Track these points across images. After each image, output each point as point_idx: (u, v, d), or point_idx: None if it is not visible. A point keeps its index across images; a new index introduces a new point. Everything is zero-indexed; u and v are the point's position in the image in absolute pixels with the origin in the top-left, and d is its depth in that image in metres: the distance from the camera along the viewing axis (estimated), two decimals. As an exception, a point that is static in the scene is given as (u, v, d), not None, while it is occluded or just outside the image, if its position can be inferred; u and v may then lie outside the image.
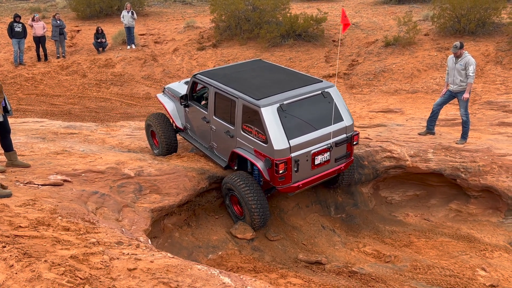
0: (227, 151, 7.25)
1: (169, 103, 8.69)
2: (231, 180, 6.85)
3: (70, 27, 19.29)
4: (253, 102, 6.44)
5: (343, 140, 6.88)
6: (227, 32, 17.61)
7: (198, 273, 3.58)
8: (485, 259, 6.70)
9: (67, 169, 6.33)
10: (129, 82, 15.64)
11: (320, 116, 6.71)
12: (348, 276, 6.09)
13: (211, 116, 7.40)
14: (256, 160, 6.60)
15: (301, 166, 6.52)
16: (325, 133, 6.65)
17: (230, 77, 7.40)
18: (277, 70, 7.77)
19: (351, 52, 15.75)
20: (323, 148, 6.66)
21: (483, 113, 10.67)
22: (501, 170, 7.64)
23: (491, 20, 15.21)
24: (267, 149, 6.36)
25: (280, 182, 6.49)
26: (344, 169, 7.18)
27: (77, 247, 3.80)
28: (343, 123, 6.83)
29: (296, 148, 6.38)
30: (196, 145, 8.08)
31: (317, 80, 7.16)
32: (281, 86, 6.92)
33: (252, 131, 6.56)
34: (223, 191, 7.20)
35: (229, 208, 7.31)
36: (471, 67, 8.10)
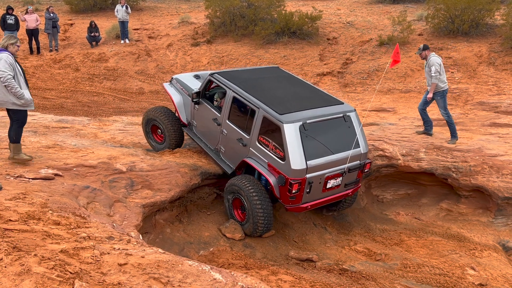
0: (236, 158, 7.03)
1: (176, 95, 8.35)
2: (240, 183, 6.66)
3: (64, 20, 19.12)
4: (275, 116, 6.24)
5: (356, 167, 6.73)
6: (222, 28, 17.56)
7: (189, 269, 3.58)
8: (474, 258, 6.76)
9: (59, 163, 6.29)
10: (122, 77, 15.54)
11: (339, 140, 6.56)
12: (339, 273, 6.12)
13: (224, 119, 7.15)
14: (268, 174, 6.43)
15: (313, 188, 6.37)
16: (342, 157, 6.49)
17: (250, 83, 7.14)
18: (297, 83, 7.55)
19: (345, 51, 15.77)
20: (337, 173, 6.52)
21: (475, 113, 10.74)
22: (492, 170, 7.71)
23: (484, 21, 15.29)
24: (283, 167, 6.19)
25: (290, 202, 6.34)
26: (351, 195, 7.09)
27: (68, 242, 3.77)
28: (359, 150, 6.68)
29: (312, 169, 6.21)
30: (200, 144, 7.84)
31: (339, 101, 6.97)
32: (304, 102, 6.72)
33: (269, 145, 6.39)
34: (226, 192, 7.00)
35: (228, 211, 7.12)
36: (433, 67, 8.33)
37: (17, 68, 6.00)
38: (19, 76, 6.01)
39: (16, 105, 6.03)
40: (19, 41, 6.19)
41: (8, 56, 5.88)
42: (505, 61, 13.50)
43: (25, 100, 6.02)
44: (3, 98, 5.93)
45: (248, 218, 6.69)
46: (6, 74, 5.77)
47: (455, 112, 10.99)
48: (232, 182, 6.82)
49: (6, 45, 5.99)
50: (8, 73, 5.79)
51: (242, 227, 6.94)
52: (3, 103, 5.98)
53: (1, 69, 5.76)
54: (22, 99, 5.98)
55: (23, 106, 6.09)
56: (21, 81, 6.04)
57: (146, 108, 13.25)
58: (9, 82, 5.80)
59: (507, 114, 10.61)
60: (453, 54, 14.25)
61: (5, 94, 5.90)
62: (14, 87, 5.86)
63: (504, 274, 6.43)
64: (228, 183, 6.92)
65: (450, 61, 14.03)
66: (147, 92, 14.96)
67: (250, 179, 6.67)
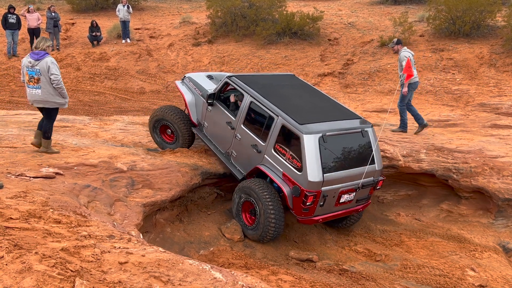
0: (248, 164, 6.95)
1: (188, 94, 8.24)
2: (254, 186, 6.54)
3: (65, 19, 19.14)
4: (295, 125, 6.17)
5: (369, 183, 6.69)
6: (223, 28, 17.58)
7: (189, 267, 3.58)
8: (474, 260, 6.76)
9: (60, 162, 6.29)
10: (123, 76, 15.56)
11: (355, 155, 6.52)
12: (339, 274, 6.12)
13: (239, 124, 7.05)
14: (283, 184, 6.34)
15: (327, 201, 6.31)
16: (357, 173, 6.44)
17: (269, 90, 7.05)
18: (314, 92, 7.51)
19: (346, 52, 15.78)
20: (351, 188, 6.47)
21: (476, 114, 10.75)
22: (492, 171, 7.71)
23: (486, 22, 15.30)
24: (299, 178, 6.11)
25: (303, 213, 6.27)
26: (361, 210, 7.05)
27: (68, 240, 3.78)
28: (374, 166, 6.63)
29: (328, 183, 6.14)
30: (210, 146, 7.73)
31: (357, 115, 6.94)
32: (323, 114, 6.68)
33: (286, 154, 6.30)
34: (237, 194, 6.89)
35: (235, 212, 7.02)
36: (403, 62, 8.59)
37: None
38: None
39: (56, 104, 6.47)
40: (51, 43, 6.68)
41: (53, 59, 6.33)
42: (506, 63, 13.50)
43: (67, 99, 6.53)
44: (48, 98, 6.39)
45: (257, 224, 6.57)
46: (59, 77, 6.29)
47: (456, 113, 11.00)
48: (246, 184, 6.71)
49: (45, 48, 6.34)
50: (60, 76, 6.30)
51: (247, 231, 6.83)
52: (48, 103, 6.42)
53: (54, 72, 6.24)
54: (66, 98, 6.50)
55: (62, 105, 6.54)
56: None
57: (147, 107, 13.27)
58: (62, 84, 6.35)
59: (508, 116, 10.62)
60: (454, 55, 14.25)
61: (53, 94, 6.38)
62: (63, 88, 6.38)
63: (504, 276, 6.43)
64: (241, 185, 6.81)
65: (451, 62, 14.04)
66: (148, 92, 14.98)
67: (266, 184, 6.55)
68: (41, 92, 6.36)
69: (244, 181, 6.84)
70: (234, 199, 6.99)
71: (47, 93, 6.33)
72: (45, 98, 6.37)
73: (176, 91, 14.98)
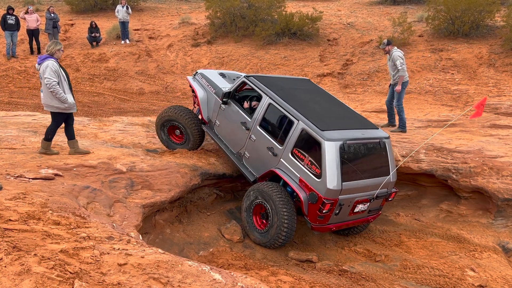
0: (262, 167, 6.82)
1: (200, 90, 8.10)
2: (268, 188, 6.43)
3: (64, 20, 19.14)
4: (317, 131, 6.08)
5: (383, 194, 6.63)
6: (222, 29, 17.58)
7: (189, 269, 3.58)
8: (474, 260, 6.76)
9: (59, 163, 6.29)
10: (122, 77, 15.56)
11: (372, 165, 6.49)
12: (339, 274, 6.12)
13: (255, 125, 6.90)
14: (299, 190, 6.23)
15: (342, 210, 6.24)
16: (374, 183, 6.39)
17: (288, 93, 6.93)
18: (331, 99, 7.44)
19: (345, 52, 15.78)
20: (366, 198, 6.41)
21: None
22: (492, 171, 7.70)
23: (485, 22, 15.31)
24: (317, 185, 6.01)
25: (317, 221, 6.19)
26: (371, 221, 7.01)
27: (68, 242, 3.77)
28: (389, 178, 6.56)
29: (346, 191, 6.06)
30: (220, 145, 7.60)
31: (374, 125, 6.92)
32: (343, 121, 6.63)
33: (305, 159, 6.19)
34: (250, 197, 6.73)
35: (246, 215, 6.85)
36: (397, 61, 8.78)
37: (62, 73, 6.44)
38: (63, 81, 6.46)
39: (60, 109, 6.50)
40: (62, 46, 6.60)
41: (54, 63, 6.34)
42: (505, 63, 13.51)
43: (68, 104, 6.47)
44: (49, 102, 6.44)
45: (269, 228, 6.45)
46: (51, 81, 6.24)
47: (455, 113, 11.00)
48: (258, 187, 6.61)
49: (53, 52, 6.42)
50: (53, 79, 6.25)
51: (255, 235, 6.69)
52: (49, 106, 6.48)
53: (47, 76, 6.24)
54: (65, 103, 6.43)
55: (66, 110, 6.53)
56: (65, 86, 6.49)
57: (147, 108, 13.26)
58: (54, 88, 6.28)
59: (507, 116, 10.62)
60: (454, 56, 14.26)
61: (51, 98, 6.39)
62: (59, 92, 6.31)
63: (504, 276, 6.42)
64: (254, 187, 6.69)
65: (450, 62, 14.04)
66: (147, 93, 14.97)
67: (281, 188, 6.45)
68: (43, 96, 6.45)
69: (258, 183, 6.72)
70: (245, 202, 6.82)
71: (46, 96, 6.40)
72: (46, 102, 6.44)
73: (176, 91, 15.00)
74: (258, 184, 6.68)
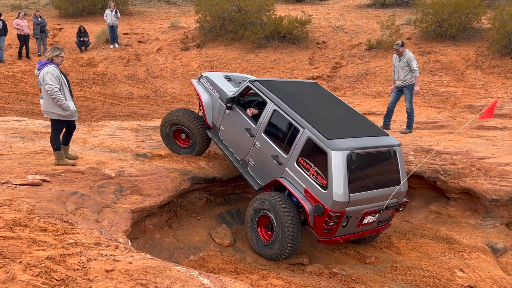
0: (266, 175, 6.58)
1: (204, 94, 7.84)
2: (273, 199, 6.18)
3: (52, 25, 19.01)
4: (323, 140, 5.82)
5: (393, 205, 6.35)
6: (212, 32, 17.58)
7: (177, 274, 3.55)
8: (463, 260, 6.81)
9: (47, 168, 6.23)
10: (111, 82, 15.47)
11: (382, 174, 6.22)
12: (329, 277, 6.12)
13: (259, 132, 6.66)
14: (304, 201, 5.97)
15: (349, 222, 5.97)
16: (383, 194, 6.10)
17: (293, 98, 6.68)
18: (339, 104, 7.15)
19: (334, 55, 15.85)
20: (375, 209, 6.13)
21: (463, 116, 10.84)
22: (480, 172, 7.77)
23: (471, 25, 15.48)
24: (324, 196, 5.75)
25: (324, 233, 5.93)
26: (380, 232, 6.79)
27: (54, 248, 3.73)
28: (400, 188, 6.26)
29: (353, 203, 5.79)
30: (225, 151, 7.37)
31: (383, 132, 6.61)
32: (351, 129, 6.34)
33: (311, 169, 5.93)
34: (254, 207, 6.48)
35: (250, 227, 6.61)
36: (413, 62, 8.95)
37: (63, 79, 6.24)
38: (64, 87, 6.25)
39: (61, 116, 6.28)
40: (63, 52, 6.33)
41: (55, 68, 6.11)
42: (492, 65, 13.66)
43: (70, 112, 6.28)
44: (50, 109, 6.23)
45: (274, 240, 6.21)
46: (53, 87, 6.03)
47: (444, 115, 11.09)
48: (262, 197, 6.37)
49: (51, 58, 6.18)
50: (55, 86, 6.04)
51: (259, 248, 6.47)
52: (49, 113, 6.26)
53: (48, 82, 6.02)
54: (67, 110, 6.23)
55: (67, 117, 6.33)
56: (66, 92, 6.29)
57: (136, 113, 13.20)
58: (55, 95, 6.07)
59: (495, 117, 10.72)
60: (441, 58, 14.39)
61: (52, 105, 6.17)
62: (61, 99, 6.11)
63: (492, 276, 6.47)
64: (259, 197, 6.45)
65: (438, 64, 14.16)
66: (136, 97, 14.90)
67: (286, 199, 6.20)
68: (43, 102, 6.23)
69: (262, 193, 6.49)
70: (249, 212, 6.59)
71: (47, 103, 6.18)
72: (46, 109, 6.23)
73: (166, 95, 14.95)
74: (262, 194, 6.45)
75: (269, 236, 6.40)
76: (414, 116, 9.38)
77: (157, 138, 9.06)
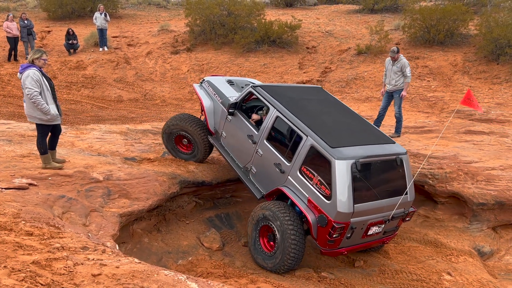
0: (269, 183, 6.40)
1: (206, 99, 7.66)
2: (275, 209, 5.99)
3: (41, 27, 18.85)
4: (326, 149, 5.62)
5: (399, 215, 6.18)
6: (202, 36, 17.58)
7: (164, 278, 3.53)
8: (450, 264, 6.86)
9: (34, 172, 6.17)
10: (100, 85, 15.37)
11: (388, 184, 6.03)
12: (318, 281, 6.12)
13: (262, 138, 6.49)
14: (307, 211, 5.77)
15: (354, 233, 5.78)
16: (389, 204, 5.92)
17: (297, 104, 6.49)
18: (345, 110, 6.95)
19: (324, 60, 15.94)
20: (380, 220, 5.94)
21: (451, 121, 10.96)
22: (467, 177, 7.85)
23: (459, 31, 15.69)
24: (327, 207, 5.55)
25: (327, 245, 5.75)
26: (386, 243, 6.63)
27: (40, 252, 3.69)
28: (406, 197, 6.09)
29: (358, 214, 5.60)
30: (227, 158, 7.22)
31: (390, 139, 6.38)
32: (356, 136, 6.14)
33: (314, 178, 5.75)
34: (256, 217, 6.27)
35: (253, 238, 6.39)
36: (407, 68, 9.06)
37: (44, 83, 6.08)
38: (46, 91, 6.10)
39: (43, 120, 6.14)
40: (44, 54, 6.16)
41: (35, 72, 5.96)
42: (479, 70, 13.85)
43: (51, 116, 6.12)
44: (31, 113, 6.10)
45: (276, 251, 6.01)
46: (32, 91, 5.89)
47: (432, 120, 11.20)
48: (265, 206, 6.18)
49: (31, 60, 6.06)
50: (34, 89, 5.90)
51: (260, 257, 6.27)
52: (32, 117, 6.14)
53: (27, 86, 5.89)
54: (48, 114, 6.07)
55: (49, 121, 6.20)
56: (48, 96, 6.14)
57: (125, 116, 13.13)
58: (35, 98, 5.93)
59: (481, 122, 10.87)
60: (429, 63, 14.54)
61: (33, 109, 6.04)
62: (40, 103, 5.96)
63: (479, 279, 6.53)
64: (261, 206, 6.26)
65: (426, 69, 14.32)
66: (125, 100, 14.82)
67: (289, 209, 6.01)
68: (26, 106, 6.10)
69: (264, 202, 6.31)
70: (250, 222, 6.41)
71: (28, 107, 6.04)
72: (28, 113, 6.08)
73: (155, 99, 14.89)
74: (264, 203, 6.27)
75: (271, 247, 6.21)
76: (402, 121, 9.49)
77: (146, 141, 9.02)
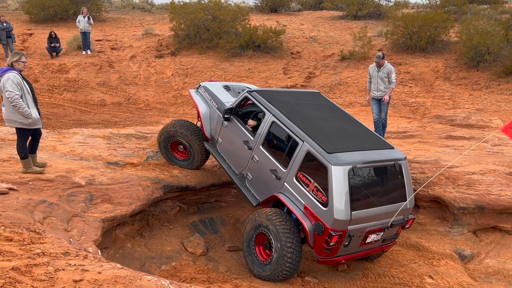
0: (265, 190, 6.28)
1: (202, 105, 7.58)
2: (271, 216, 5.84)
3: (22, 30, 18.60)
4: (323, 154, 5.49)
5: (399, 222, 6.04)
6: (186, 40, 17.55)
7: (147, 284, 3.50)
8: (432, 267, 6.94)
9: (14, 177, 6.06)
10: (83, 88, 15.22)
11: (387, 190, 5.90)
12: (301, 285, 6.13)
13: (257, 144, 6.37)
14: (304, 218, 5.62)
15: (352, 241, 5.62)
16: (388, 211, 5.78)
17: (293, 110, 6.37)
18: (342, 115, 6.83)
19: (308, 65, 16.05)
20: (379, 227, 5.80)
21: (432, 126, 11.12)
22: (448, 181, 7.97)
23: (440, 38, 15.98)
24: (324, 214, 5.41)
25: (324, 253, 5.60)
26: (386, 251, 6.52)
27: (20, 258, 3.62)
28: (406, 204, 5.94)
29: (355, 221, 5.45)
30: (223, 164, 7.10)
31: (389, 144, 6.28)
32: (353, 141, 6.00)
33: (310, 185, 5.62)
34: (252, 225, 6.13)
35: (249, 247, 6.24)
36: (393, 74, 9.12)
37: (25, 86, 5.97)
38: (27, 94, 5.99)
39: (23, 124, 6.02)
40: (23, 57, 6.03)
41: (16, 75, 5.85)
42: (459, 76, 14.10)
43: (32, 120, 6.00)
44: (11, 117, 5.97)
45: (271, 259, 5.86)
46: (13, 94, 5.77)
47: (414, 125, 11.35)
48: (261, 214, 6.03)
49: (10, 63, 5.94)
50: (15, 93, 5.79)
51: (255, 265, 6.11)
52: (11, 121, 5.99)
53: (8, 89, 5.76)
54: (29, 118, 5.95)
55: (30, 125, 6.07)
56: (29, 99, 6.02)
57: (108, 120, 13.00)
58: (16, 102, 5.81)
59: (462, 127, 11.05)
60: (411, 69, 14.76)
61: (14, 113, 5.91)
62: (22, 106, 5.84)
63: (460, 282, 6.62)
64: (256, 214, 6.13)
65: (408, 76, 14.52)
66: (109, 104, 14.69)
67: (285, 216, 5.86)
68: (5, 111, 5.94)
69: (260, 210, 6.16)
70: (246, 230, 6.25)
71: (8, 111, 5.90)
72: (8, 117, 5.94)
73: (139, 103, 14.80)
74: (260, 211, 6.12)
75: (267, 255, 6.08)
76: (386, 126, 9.57)
77: (129, 146, 8.95)
